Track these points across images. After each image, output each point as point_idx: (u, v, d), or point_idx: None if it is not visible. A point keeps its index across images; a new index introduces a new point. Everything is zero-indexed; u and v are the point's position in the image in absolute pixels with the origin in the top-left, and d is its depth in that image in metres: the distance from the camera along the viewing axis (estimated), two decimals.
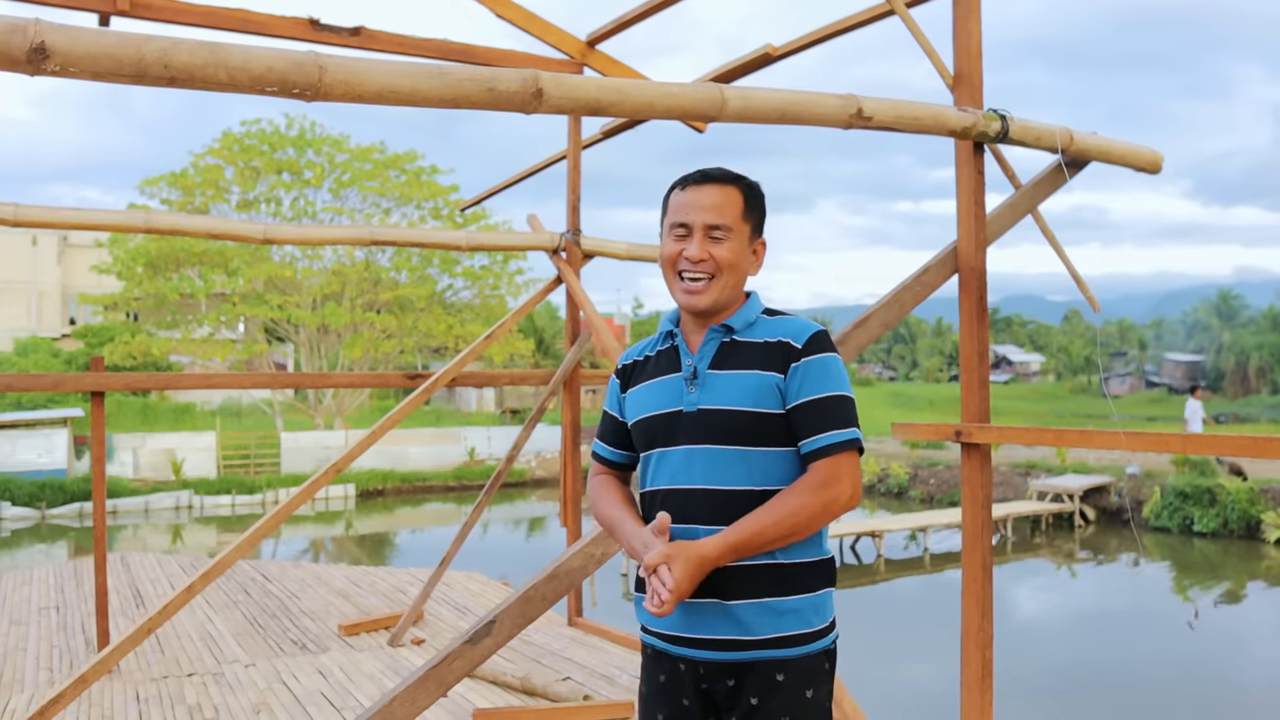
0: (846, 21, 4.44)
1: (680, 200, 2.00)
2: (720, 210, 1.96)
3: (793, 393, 1.90)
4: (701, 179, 2.00)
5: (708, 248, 1.95)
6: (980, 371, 3.54)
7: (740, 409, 1.90)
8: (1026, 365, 72.69)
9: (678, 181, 2.04)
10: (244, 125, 28.55)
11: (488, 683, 5.21)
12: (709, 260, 1.95)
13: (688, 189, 2.00)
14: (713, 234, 1.96)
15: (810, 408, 1.89)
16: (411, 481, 28.11)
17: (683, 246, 1.97)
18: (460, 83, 2.33)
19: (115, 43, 1.97)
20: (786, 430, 1.90)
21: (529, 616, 2.84)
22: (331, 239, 6.58)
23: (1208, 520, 19.33)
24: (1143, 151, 3.82)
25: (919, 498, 25.30)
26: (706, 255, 1.95)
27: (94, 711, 4.88)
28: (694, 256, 1.95)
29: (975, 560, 3.45)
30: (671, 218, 2.01)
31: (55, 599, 7.81)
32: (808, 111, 2.83)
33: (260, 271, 27.72)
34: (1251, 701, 10.43)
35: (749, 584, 1.87)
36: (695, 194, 1.98)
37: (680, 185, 2.02)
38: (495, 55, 5.82)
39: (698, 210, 1.97)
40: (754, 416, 1.89)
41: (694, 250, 1.95)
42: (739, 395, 1.91)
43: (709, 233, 1.96)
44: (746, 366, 1.92)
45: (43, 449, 24.77)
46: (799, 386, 1.90)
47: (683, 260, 1.97)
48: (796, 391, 1.89)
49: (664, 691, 1.97)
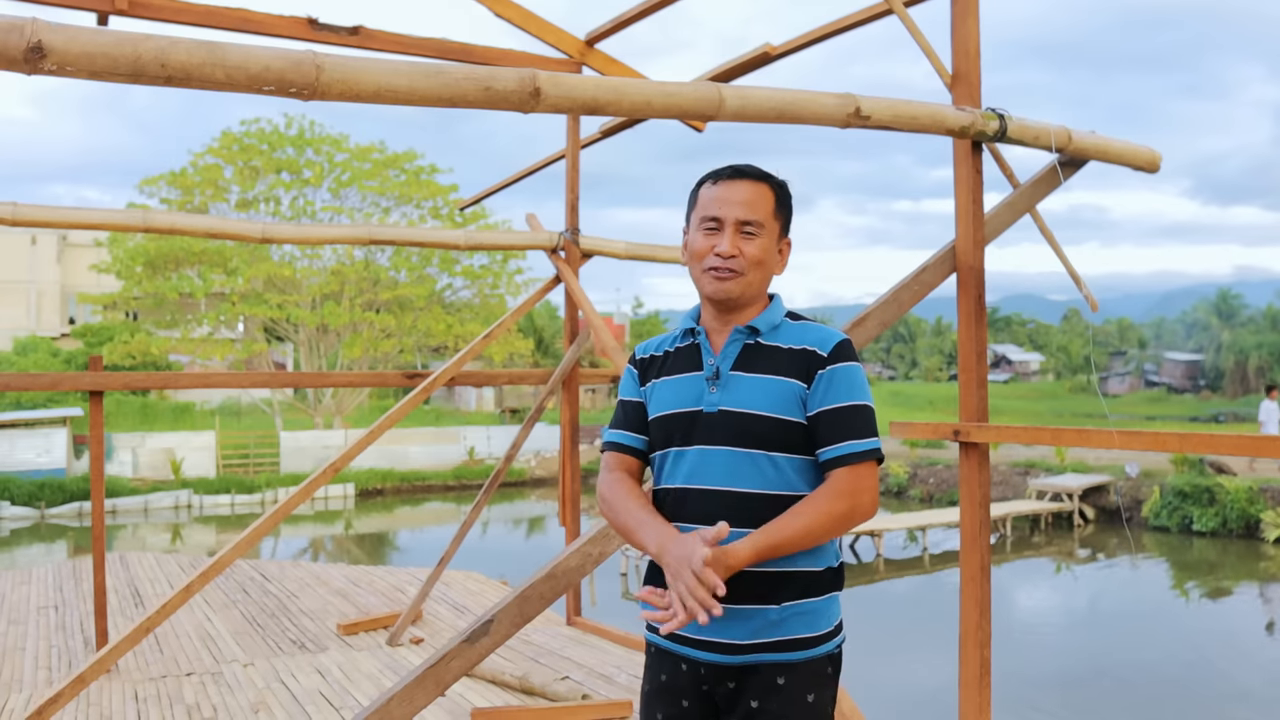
0: (845, 21, 4.44)
1: (712, 195, 1.96)
2: (753, 206, 1.94)
3: (815, 401, 1.89)
4: (734, 174, 1.97)
5: (739, 243, 1.93)
6: (979, 370, 3.54)
7: (761, 413, 1.88)
8: (1025, 364, 72.69)
9: (708, 176, 2.01)
10: (243, 124, 28.56)
11: (486, 682, 5.22)
12: (739, 256, 1.93)
13: (720, 184, 1.97)
14: (744, 229, 1.93)
15: (832, 416, 1.87)
16: (410, 481, 28.12)
17: (714, 241, 1.94)
18: (458, 82, 2.33)
19: (112, 42, 1.97)
20: (805, 437, 1.90)
21: (527, 616, 2.84)
22: (330, 238, 6.57)
23: (1207, 519, 19.34)
24: (1141, 151, 3.82)
25: (918, 497, 25.31)
26: (737, 251, 1.93)
27: (92, 711, 4.88)
28: (725, 252, 1.92)
29: (974, 560, 3.45)
30: (702, 211, 1.97)
31: (54, 598, 7.81)
32: (806, 111, 2.83)
33: (259, 271, 27.71)
34: (1251, 700, 10.43)
35: (755, 588, 1.86)
36: (728, 189, 1.95)
37: (712, 179, 1.99)
38: (494, 54, 5.82)
39: (730, 205, 1.94)
40: (775, 422, 1.88)
41: (725, 245, 1.92)
42: (761, 400, 1.89)
43: (741, 228, 1.93)
44: (771, 371, 1.91)
45: (42, 448, 24.77)
46: (822, 395, 1.88)
47: (713, 256, 1.94)
48: (819, 400, 1.88)
49: (665, 691, 1.97)
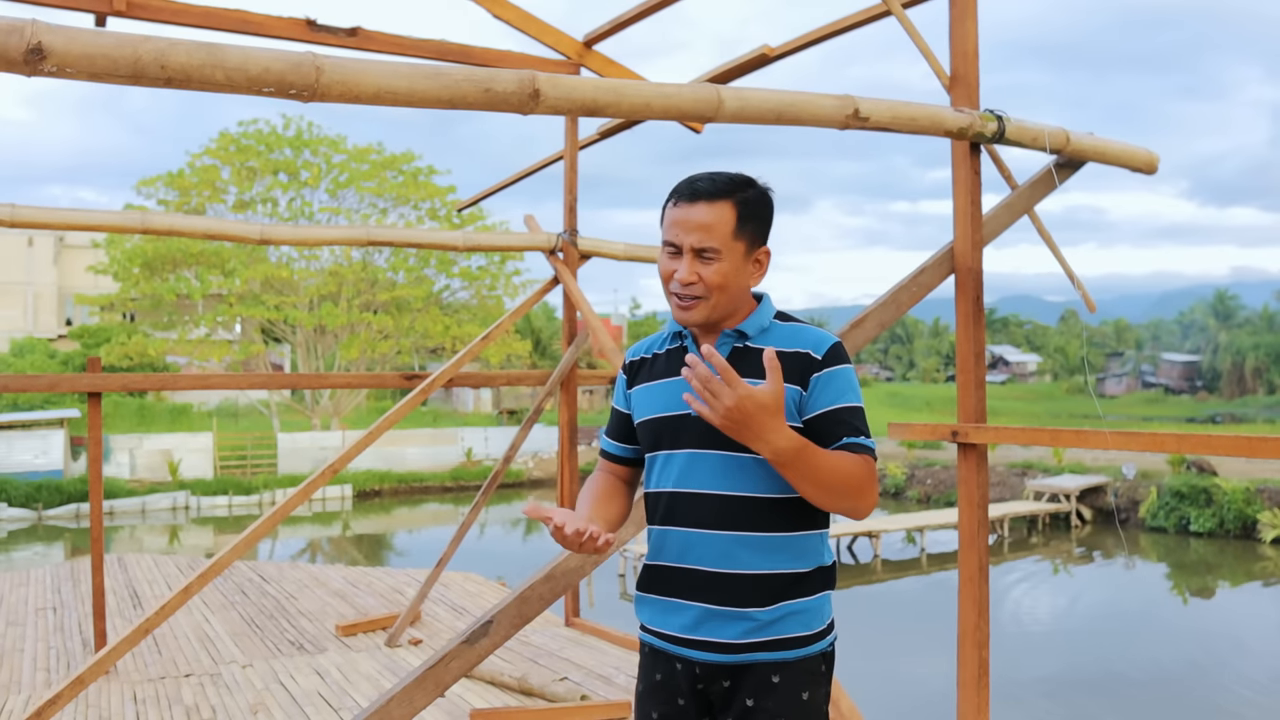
0: (843, 22, 4.45)
1: (672, 217, 1.94)
2: (708, 231, 1.90)
3: (814, 403, 1.88)
4: (692, 196, 1.92)
5: (696, 269, 1.91)
6: (977, 372, 3.54)
7: None
8: (1023, 365, 72.77)
9: (672, 192, 1.98)
10: (241, 126, 28.59)
11: (485, 683, 5.22)
12: (698, 283, 1.91)
13: (679, 205, 1.93)
14: (701, 256, 1.91)
15: (833, 416, 1.87)
16: (408, 482, 28.12)
17: (674, 266, 1.93)
18: (457, 83, 2.33)
19: (112, 43, 1.97)
20: None
21: (526, 617, 2.84)
22: (328, 239, 6.57)
23: (1204, 520, 19.36)
24: (1138, 152, 3.82)
25: (916, 498, 25.33)
26: (695, 278, 1.90)
27: (91, 712, 4.87)
28: (683, 279, 1.91)
29: (972, 560, 3.46)
30: (665, 234, 1.96)
31: (52, 600, 7.80)
32: (804, 112, 2.83)
33: (257, 272, 27.70)
34: (1250, 699, 10.44)
35: (748, 588, 1.87)
36: (685, 212, 1.92)
37: (674, 199, 1.96)
38: (492, 56, 5.82)
39: (685, 231, 1.91)
40: None
41: (683, 273, 1.91)
42: None
43: (697, 255, 1.91)
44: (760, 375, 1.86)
45: (39, 450, 24.76)
46: (820, 397, 1.88)
47: (674, 281, 1.93)
48: (818, 402, 1.88)
49: (660, 690, 1.97)
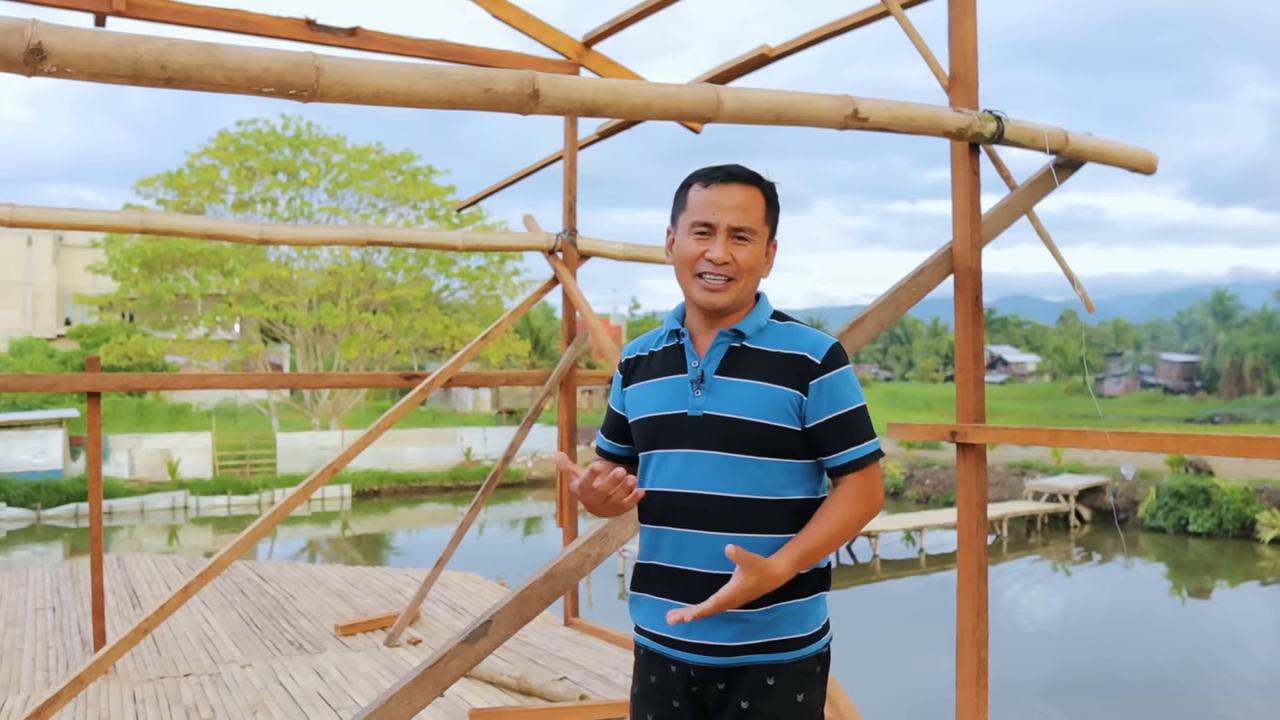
0: (843, 22, 4.45)
1: (703, 198, 1.90)
2: (746, 212, 1.89)
3: (816, 410, 1.87)
4: (727, 178, 1.90)
5: (731, 250, 1.88)
6: (975, 372, 3.55)
7: (748, 419, 1.86)
8: (1022, 365, 72.77)
9: (698, 177, 1.94)
10: (240, 125, 28.56)
11: (484, 683, 5.22)
12: (732, 263, 1.88)
13: (712, 186, 1.90)
14: (737, 235, 1.89)
15: (836, 424, 1.87)
16: (408, 482, 28.10)
17: (705, 247, 1.89)
18: (457, 83, 2.33)
19: (112, 43, 1.97)
20: (795, 442, 1.88)
21: (525, 616, 2.84)
22: (328, 239, 6.57)
23: (1203, 520, 19.37)
24: (1137, 152, 3.83)
25: (915, 498, 25.34)
26: (729, 258, 1.88)
27: (90, 712, 4.87)
28: (718, 259, 1.87)
29: (970, 560, 3.46)
30: (693, 215, 1.91)
31: (51, 600, 7.80)
32: (803, 112, 2.84)
33: (256, 272, 27.69)
34: (1250, 700, 10.44)
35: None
36: (721, 193, 1.89)
37: (703, 182, 1.92)
38: (492, 56, 5.82)
39: (723, 211, 1.88)
40: (761, 427, 1.86)
41: (718, 252, 1.88)
42: (748, 405, 1.86)
43: (733, 234, 1.88)
44: (758, 377, 1.88)
45: (38, 450, 24.74)
46: (822, 404, 1.87)
47: (704, 261, 1.89)
48: (820, 409, 1.87)
49: (655, 692, 1.97)
